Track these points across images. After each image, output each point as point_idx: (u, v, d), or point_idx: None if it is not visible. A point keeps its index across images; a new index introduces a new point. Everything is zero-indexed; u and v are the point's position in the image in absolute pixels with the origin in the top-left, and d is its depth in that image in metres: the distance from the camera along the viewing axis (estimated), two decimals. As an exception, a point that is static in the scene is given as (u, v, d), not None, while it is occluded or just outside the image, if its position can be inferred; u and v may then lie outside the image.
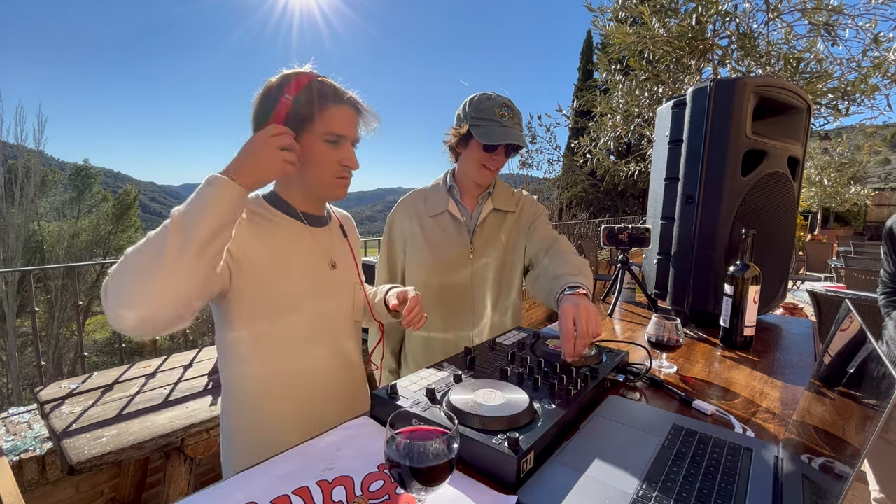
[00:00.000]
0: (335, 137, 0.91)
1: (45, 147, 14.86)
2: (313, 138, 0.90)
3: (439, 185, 1.41)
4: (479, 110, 1.27)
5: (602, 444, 0.71)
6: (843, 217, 19.56)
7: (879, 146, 46.98)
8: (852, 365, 0.56)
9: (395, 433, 0.49)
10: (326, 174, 0.94)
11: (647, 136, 5.38)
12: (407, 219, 1.38)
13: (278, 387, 0.95)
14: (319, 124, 0.89)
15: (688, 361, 1.14)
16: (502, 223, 1.37)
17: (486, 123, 1.25)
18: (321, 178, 0.94)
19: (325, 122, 0.89)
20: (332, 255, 1.04)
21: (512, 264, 1.37)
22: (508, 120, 1.26)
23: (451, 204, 1.36)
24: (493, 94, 1.30)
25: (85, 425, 1.55)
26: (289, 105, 0.86)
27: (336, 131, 0.91)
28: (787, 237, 1.50)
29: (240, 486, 0.62)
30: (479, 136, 1.25)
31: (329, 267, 1.02)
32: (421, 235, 1.35)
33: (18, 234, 13.17)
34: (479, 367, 0.91)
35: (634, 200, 18.51)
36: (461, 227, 1.35)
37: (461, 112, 1.32)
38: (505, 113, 1.26)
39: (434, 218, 1.36)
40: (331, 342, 1.02)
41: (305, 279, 0.96)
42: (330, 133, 0.90)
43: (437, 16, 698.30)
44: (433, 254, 1.33)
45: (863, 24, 3.90)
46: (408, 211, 1.39)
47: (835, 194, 13.05)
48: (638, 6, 4.35)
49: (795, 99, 1.41)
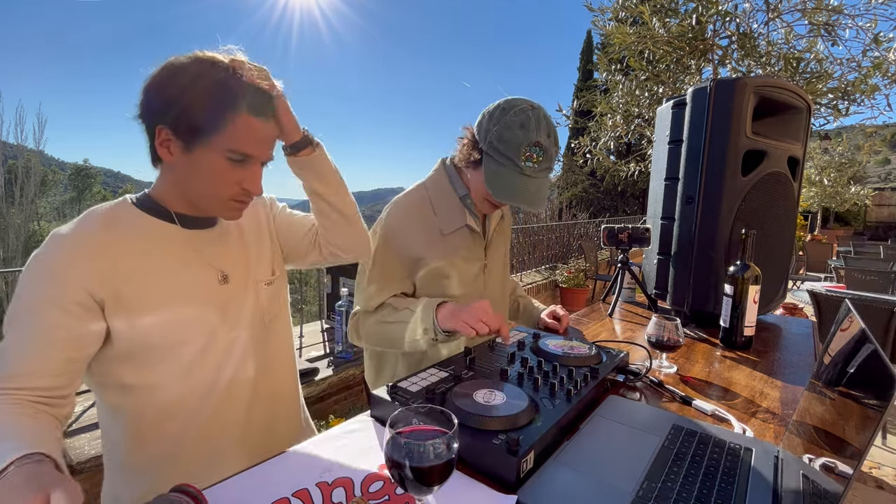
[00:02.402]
0: (240, 156, 0.74)
1: (45, 147, 14.89)
2: (211, 150, 0.72)
3: (446, 188, 1.17)
4: (502, 139, 1.00)
5: (602, 444, 0.71)
6: (843, 217, 19.55)
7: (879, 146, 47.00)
8: (852, 365, 0.56)
9: (395, 433, 0.49)
10: (218, 194, 0.76)
11: (647, 136, 5.38)
12: (415, 233, 1.13)
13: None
14: (224, 136, 0.72)
15: (688, 361, 1.14)
16: (502, 229, 1.33)
17: (503, 166, 1.01)
18: (210, 194, 0.76)
19: (231, 135, 0.72)
20: (223, 266, 0.84)
21: (507, 268, 1.37)
22: (534, 167, 1.00)
23: (468, 216, 1.16)
24: (531, 118, 1.00)
25: (85, 425, 1.55)
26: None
27: (243, 150, 0.73)
28: (787, 237, 1.50)
29: (237, 489, 0.62)
30: (486, 178, 1.02)
31: (218, 282, 0.82)
32: (436, 256, 1.13)
33: (18, 234, 13.17)
34: (479, 367, 0.91)
35: (634, 200, 18.51)
36: (479, 240, 1.21)
37: (486, 121, 1.04)
38: (533, 155, 0.99)
39: (453, 234, 1.15)
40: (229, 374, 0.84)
41: (173, 318, 0.76)
42: (234, 151, 0.73)
43: (437, 15, 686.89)
44: (453, 272, 1.15)
45: (863, 24, 3.90)
46: (414, 224, 1.14)
47: (835, 194, 13.05)
48: (638, 6, 4.35)
49: (795, 99, 1.41)
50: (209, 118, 0.71)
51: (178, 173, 0.77)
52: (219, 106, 0.71)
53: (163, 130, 0.72)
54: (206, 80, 0.70)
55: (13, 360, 0.66)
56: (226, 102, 0.71)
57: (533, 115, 1.01)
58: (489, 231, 1.24)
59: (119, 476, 0.82)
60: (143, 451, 0.80)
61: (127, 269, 0.73)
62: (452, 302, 1.03)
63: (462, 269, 1.17)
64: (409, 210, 1.16)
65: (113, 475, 0.83)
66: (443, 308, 1.00)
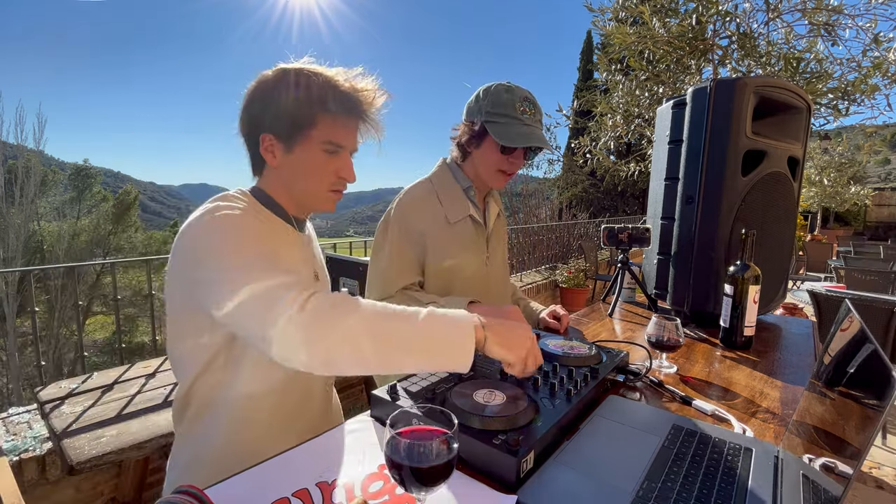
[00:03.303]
0: (334, 147, 0.84)
1: (45, 147, 14.88)
2: (310, 144, 0.82)
3: (450, 182, 1.23)
4: (496, 104, 1.10)
5: (602, 444, 0.71)
6: (843, 217, 19.55)
7: (879, 146, 46.99)
8: (852, 365, 0.56)
9: (395, 433, 0.49)
10: (320, 185, 0.86)
11: (647, 136, 5.38)
12: (424, 222, 1.18)
13: (266, 395, 0.85)
14: (319, 130, 0.81)
15: (688, 361, 1.14)
16: (502, 224, 1.37)
17: (506, 121, 1.09)
18: (314, 188, 0.86)
19: (325, 129, 0.82)
20: (315, 267, 0.97)
21: (507, 266, 1.38)
22: (530, 117, 1.11)
23: (471, 207, 1.22)
24: (511, 85, 1.13)
25: (85, 425, 1.55)
26: None
27: (336, 140, 0.83)
28: (787, 237, 1.50)
29: (238, 489, 0.62)
30: (497, 136, 1.09)
31: (313, 279, 0.95)
32: (444, 244, 1.19)
33: (18, 234, 13.17)
34: (479, 367, 0.91)
35: (634, 200, 18.51)
36: (482, 232, 1.25)
37: (473, 104, 1.15)
38: (527, 108, 1.10)
39: (458, 224, 1.21)
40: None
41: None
42: (329, 142, 0.83)
43: (437, 15, 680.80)
44: (456, 263, 1.20)
45: (863, 24, 3.90)
46: (424, 214, 1.19)
47: (835, 194, 13.04)
48: (638, 6, 4.35)
49: (795, 99, 1.41)
50: (304, 115, 0.80)
51: (284, 174, 0.86)
52: (311, 104, 0.80)
53: (266, 137, 0.82)
54: (295, 84, 0.80)
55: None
56: (316, 100, 0.80)
57: (510, 83, 1.15)
58: (489, 222, 1.29)
59: (212, 434, 0.84)
60: (255, 415, 0.85)
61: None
62: (482, 304, 1.04)
63: (466, 259, 1.21)
64: (417, 201, 1.20)
65: (201, 437, 0.85)
66: (474, 308, 0.98)
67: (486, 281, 1.27)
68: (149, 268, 2.92)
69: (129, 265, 14.95)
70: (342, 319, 0.62)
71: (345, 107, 0.82)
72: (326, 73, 0.82)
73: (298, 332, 0.61)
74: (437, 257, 1.18)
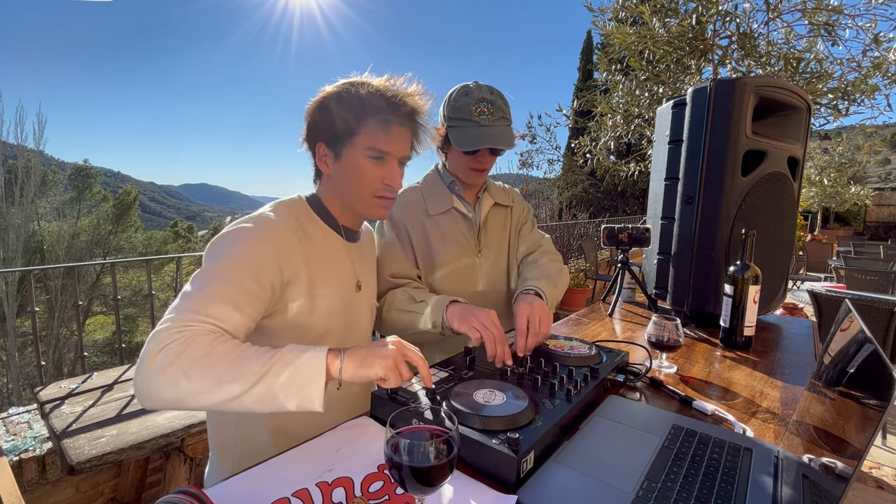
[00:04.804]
0: (378, 154, 0.87)
1: (45, 147, 14.88)
2: (354, 151, 0.87)
3: (435, 180, 1.29)
4: (455, 108, 1.16)
5: (602, 444, 0.71)
6: (843, 217, 19.55)
7: (879, 146, 46.99)
8: (852, 365, 0.56)
9: (395, 433, 0.49)
10: (365, 191, 0.90)
11: (647, 136, 5.38)
12: (415, 220, 1.24)
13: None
14: (363, 137, 0.86)
15: (688, 361, 1.14)
16: (501, 219, 1.35)
17: (462, 125, 1.16)
18: (360, 194, 0.90)
19: (368, 136, 0.86)
20: (359, 276, 1.00)
21: (511, 261, 1.36)
22: (487, 117, 1.15)
23: (456, 200, 1.27)
24: (472, 87, 1.18)
25: (85, 425, 1.55)
26: None
27: (379, 147, 0.87)
28: (787, 237, 1.50)
29: (238, 489, 0.62)
30: (453, 141, 1.16)
31: (355, 289, 0.98)
32: (430, 236, 1.24)
33: (18, 234, 13.17)
34: (479, 367, 0.91)
35: (634, 200, 18.50)
36: (469, 225, 1.28)
37: (441, 110, 1.22)
38: (483, 110, 1.14)
39: (441, 216, 1.25)
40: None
41: (332, 307, 0.91)
42: (372, 148, 0.86)
43: (437, 15, 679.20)
44: (443, 254, 1.24)
45: (863, 24, 3.89)
46: (413, 212, 1.25)
47: (835, 194, 13.03)
48: (638, 6, 4.35)
49: (795, 99, 1.41)
50: (349, 123, 0.86)
51: (335, 181, 0.92)
52: (354, 112, 0.85)
53: (321, 146, 0.90)
54: (346, 94, 0.86)
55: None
56: (359, 108, 0.85)
57: (472, 85, 1.19)
58: (479, 216, 1.30)
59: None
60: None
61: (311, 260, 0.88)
62: (464, 302, 1.04)
63: (451, 251, 1.25)
64: (408, 202, 1.27)
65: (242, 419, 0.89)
66: (453, 306, 1.02)
67: (476, 273, 1.28)
68: (149, 268, 2.92)
69: (128, 265, 14.94)
70: (174, 385, 0.61)
71: (386, 114, 0.87)
72: (373, 83, 0.87)
73: (142, 384, 0.62)
74: (420, 248, 1.24)
